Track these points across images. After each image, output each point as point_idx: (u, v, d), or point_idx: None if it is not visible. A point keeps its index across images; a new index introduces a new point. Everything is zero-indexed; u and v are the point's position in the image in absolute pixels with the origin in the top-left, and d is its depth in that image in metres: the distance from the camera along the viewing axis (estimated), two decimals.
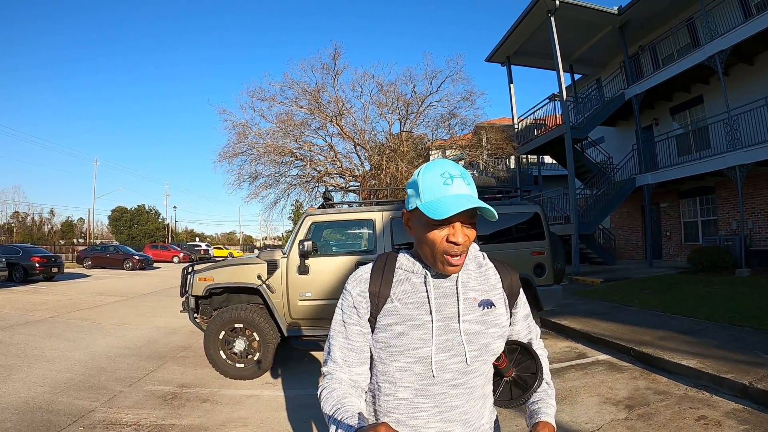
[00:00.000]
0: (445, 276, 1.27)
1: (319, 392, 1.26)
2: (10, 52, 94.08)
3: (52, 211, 63.45)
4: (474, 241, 1.30)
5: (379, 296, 1.28)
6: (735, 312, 7.48)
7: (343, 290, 1.34)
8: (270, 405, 4.84)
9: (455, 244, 1.17)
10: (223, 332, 5.62)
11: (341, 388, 1.23)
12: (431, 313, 1.24)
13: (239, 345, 5.66)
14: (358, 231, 6.46)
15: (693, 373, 5.03)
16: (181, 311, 6.29)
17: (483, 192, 6.78)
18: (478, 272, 1.36)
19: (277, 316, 5.71)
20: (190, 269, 6.18)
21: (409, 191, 1.26)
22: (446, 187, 1.16)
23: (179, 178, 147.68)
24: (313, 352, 6.73)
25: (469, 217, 1.18)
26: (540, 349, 1.46)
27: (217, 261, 6.70)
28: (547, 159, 25.90)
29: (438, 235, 1.18)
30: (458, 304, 1.26)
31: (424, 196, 1.18)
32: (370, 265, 1.35)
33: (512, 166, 25.12)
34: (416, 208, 1.21)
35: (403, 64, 59.34)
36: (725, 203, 15.44)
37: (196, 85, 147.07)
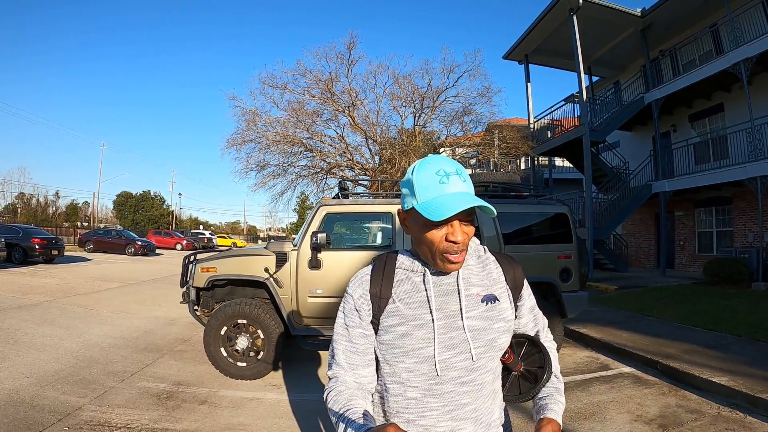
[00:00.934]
0: (446, 273, 1.26)
1: (325, 395, 1.24)
2: (20, 36, 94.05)
3: (57, 193, 63.46)
4: (475, 235, 1.30)
5: (380, 297, 1.27)
6: (758, 327, 7.12)
7: (345, 293, 1.33)
8: (273, 410, 4.47)
9: (454, 242, 1.15)
10: (224, 328, 5.24)
11: (347, 391, 1.21)
12: (432, 312, 1.22)
13: (242, 342, 5.27)
14: (375, 225, 6.08)
15: (725, 391, 4.72)
16: (180, 302, 5.94)
17: (508, 189, 6.42)
18: (480, 267, 1.34)
19: (284, 313, 5.32)
20: (192, 258, 5.82)
21: (404, 190, 1.25)
22: (442, 186, 1.14)
23: (186, 166, 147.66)
24: (321, 354, 6.34)
25: (466, 214, 1.16)
26: (548, 341, 1.42)
27: (222, 250, 6.35)
28: (558, 161, 25.54)
29: (436, 234, 1.17)
30: (460, 301, 1.24)
31: (420, 196, 1.17)
32: (371, 266, 1.35)
33: (522, 166, 24.74)
34: (412, 207, 1.19)
35: (419, 57, 58.67)
36: (742, 215, 15.03)
37: (208, 74, 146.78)
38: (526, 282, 1.40)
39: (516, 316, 1.38)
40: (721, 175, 14.00)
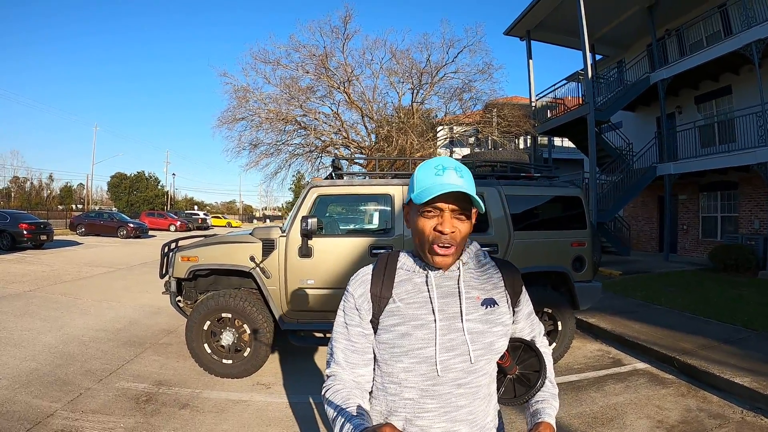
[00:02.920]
0: (438, 269, 1.27)
1: (322, 393, 1.24)
2: (9, 13, 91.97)
3: (51, 176, 63.11)
4: (470, 239, 1.35)
5: (381, 297, 1.28)
6: None
7: (345, 292, 1.34)
8: (261, 415, 4.05)
9: (441, 233, 1.18)
10: (208, 322, 4.79)
11: (345, 389, 1.22)
12: (434, 313, 1.23)
13: (227, 338, 4.83)
14: (372, 208, 5.58)
15: (748, 393, 4.38)
16: (163, 292, 5.49)
17: (517, 169, 5.95)
18: (480, 271, 1.35)
19: (272, 306, 4.86)
20: (172, 245, 5.36)
21: (409, 186, 1.28)
22: (437, 177, 1.19)
23: (180, 145, 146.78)
24: (313, 350, 5.89)
25: (460, 208, 1.19)
26: (543, 347, 1.43)
27: (207, 236, 5.90)
28: (557, 141, 25.07)
29: (427, 224, 1.20)
30: (461, 304, 1.26)
31: (417, 187, 1.21)
32: (371, 266, 1.36)
33: (521, 146, 24.24)
34: (411, 199, 1.24)
35: (418, 31, 57.47)
36: (748, 200, 14.64)
37: (201, 48, 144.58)
38: (524, 288, 1.42)
39: (513, 321, 1.38)
40: (730, 159, 13.56)
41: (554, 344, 5.29)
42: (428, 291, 1.26)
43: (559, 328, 5.28)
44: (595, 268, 5.66)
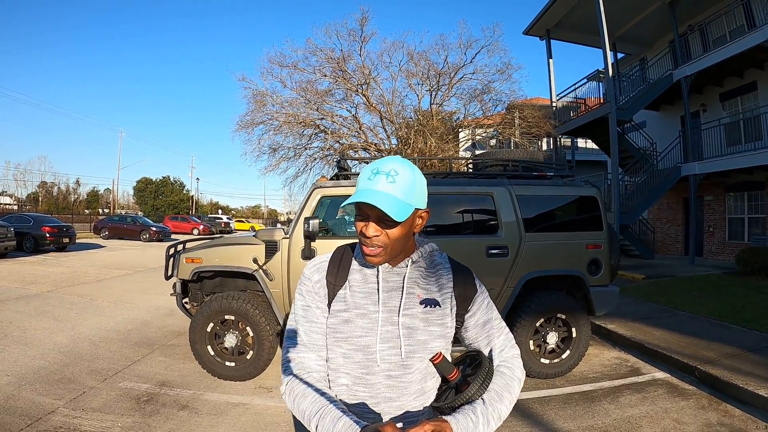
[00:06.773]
0: (394, 269, 1.31)
1: (287, 382, 1.25)
2: (33, 17, 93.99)
3: (77, 181, 64.21)
4: (422, 236, 1.44)
5: (335, 285, 1.32)
6: None
7: (302, 276, 1.38)
8: (259, 419, 3.97)
9: (365, 236, 1.21)
10: (211, 324, 4.74)
11: (318, 384, 1.23)
12: (378, 304, 1.28)
13: (230, 340, 4.77)
14: None
15: None
16: (171, 294, 5.46)
17: (530, 168, 5.75)
18: (430, 271, 1.37)
19: (275, 308, 4.77)
20: (178, 248, 5.33)
21: None
22: (369, 182, 1.19)
23: (205, 150, 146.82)
24: None
25: (386, 215, 1.17)
26: (504, 362, 1.35)
27: (214, 238, 5.85)
28: (581, 143, 24.62)
29: (359, 225, 1.23)
30: (401, 298, 1.28)
31: (356, 188, 1.22)
32: (329, 255, 1.39)
33: (544, 147, 23.87)
34: None
35: (435, 32, 57.10)
36: None
37: (222, 51, 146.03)
38: (481, 297, 1.39)
39: (463, 328, 1.39)
40: (756, 158, 13.11)
41: (568, 351, 5.08)
42: (377, 283, 1.30)
43: (573, 334, 5.07)
44: (613, 272, 5.43)
